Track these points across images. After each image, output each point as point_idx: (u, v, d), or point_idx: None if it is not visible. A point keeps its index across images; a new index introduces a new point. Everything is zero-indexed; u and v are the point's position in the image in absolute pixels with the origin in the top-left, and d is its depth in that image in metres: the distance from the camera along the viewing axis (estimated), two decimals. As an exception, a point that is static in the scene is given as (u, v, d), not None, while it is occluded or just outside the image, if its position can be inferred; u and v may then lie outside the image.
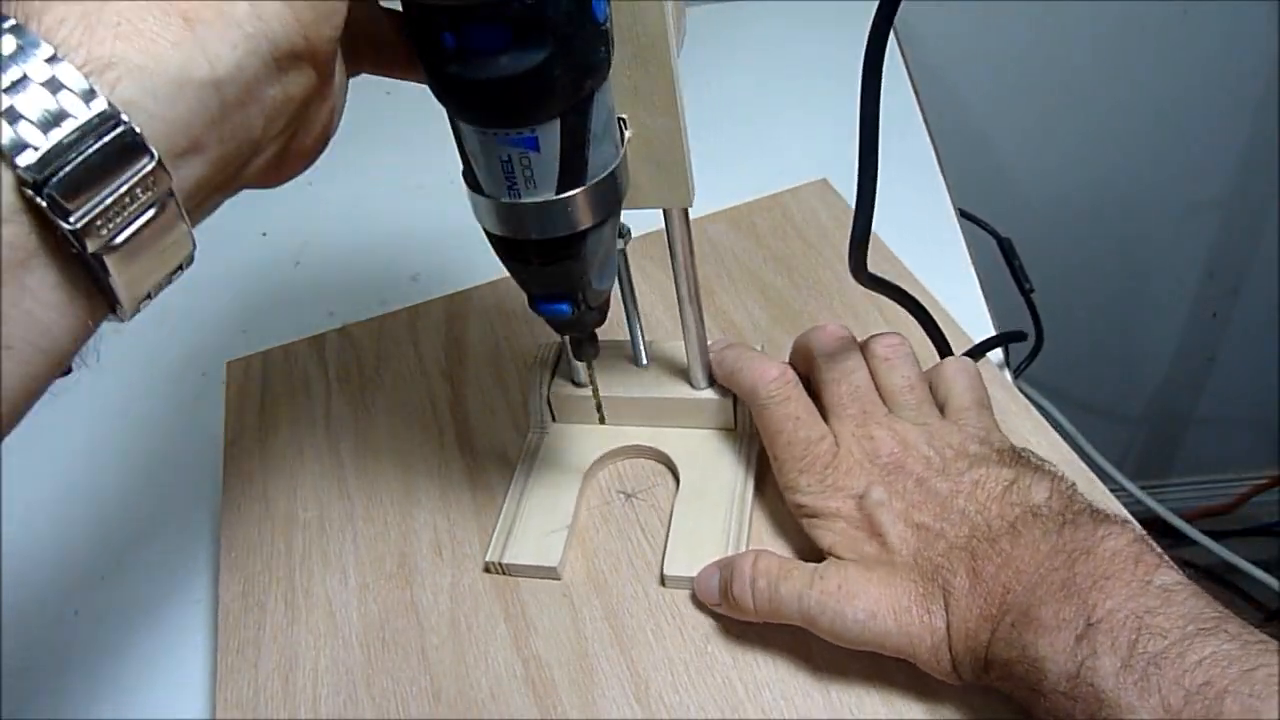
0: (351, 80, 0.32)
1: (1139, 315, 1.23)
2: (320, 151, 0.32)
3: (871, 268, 0.41)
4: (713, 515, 0.43)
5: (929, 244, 0.56)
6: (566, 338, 0.41)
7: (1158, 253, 1.16)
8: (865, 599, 0.36)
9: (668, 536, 0.43)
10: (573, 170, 0.32)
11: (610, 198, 0.34)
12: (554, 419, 0.49)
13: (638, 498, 0.46)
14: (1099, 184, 1.10)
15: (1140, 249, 1.16)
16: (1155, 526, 0.83)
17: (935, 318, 0.47)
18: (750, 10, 0.85)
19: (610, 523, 0.45)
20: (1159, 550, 0.33)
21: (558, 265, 0.34)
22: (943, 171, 0.63)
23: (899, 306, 0.46)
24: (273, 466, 0.51)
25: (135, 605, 0.48)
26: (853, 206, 0.38)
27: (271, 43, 0.26)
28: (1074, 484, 0.37)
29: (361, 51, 0.33)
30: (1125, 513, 0.38)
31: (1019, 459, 0.39)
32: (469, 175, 0.34)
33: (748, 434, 0.46)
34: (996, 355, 0.51)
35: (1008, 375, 0.49)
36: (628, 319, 0.46)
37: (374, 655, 0.42)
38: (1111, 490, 0.43)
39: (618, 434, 0.47)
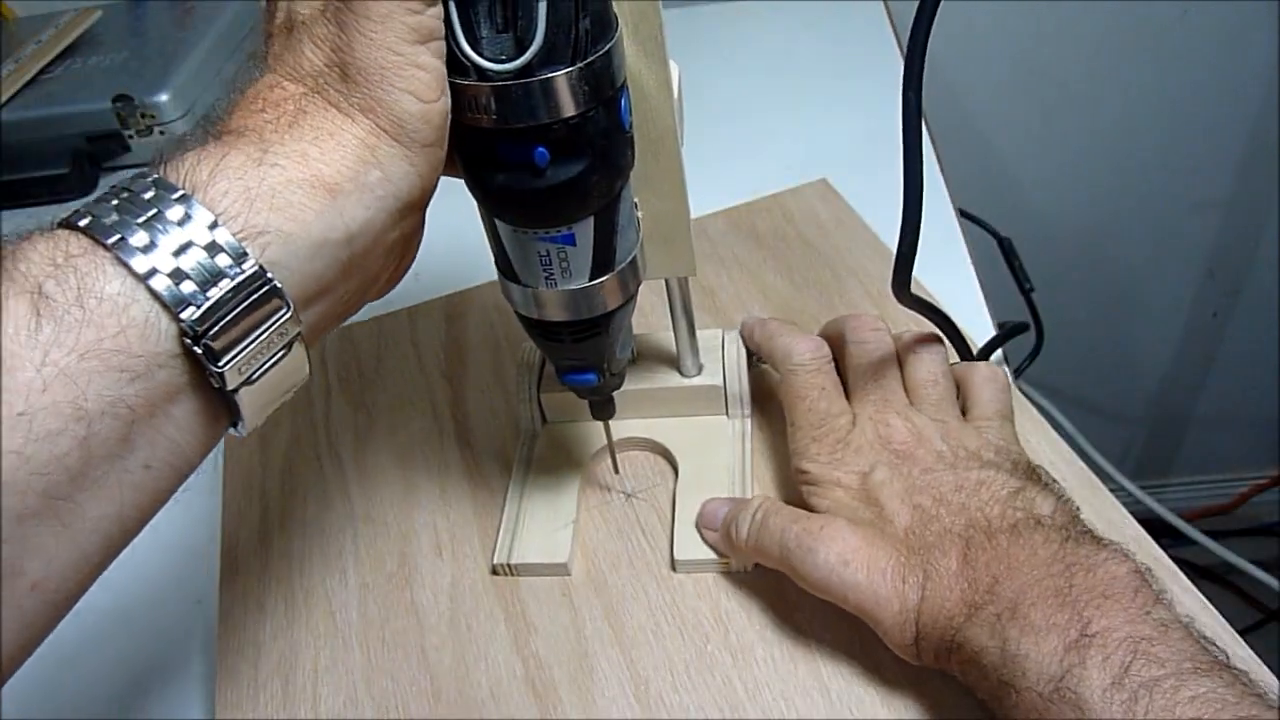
0: None
1: (1139, 314, 1.23)
2: (407, 270, 0.34)
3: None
4: (715, 497, 0.44)
5: (929, 244, 0.55)
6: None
7: (1158, 253, 1.16)
8: (843, 545, 0.37)
9: (673, 523, 0.43)
10: (603, 259, 0.35)
11: (633, 279, 0.37)
12: (545, 421, 0.49)
13: (637, 497, 0.46)
14: (1099, 184, 1.10)
15: (1140, 249, 1.16)
16: (1155, 526, 0.83)
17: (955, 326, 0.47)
18: (750, 10, 0.86)
19: (610, 522, 0.45)
20: (1157, 587, 0.33)
21: (587, 341, 0.37)
22: (943, 171, 0.63)
23: (902, 309, 0.45)
24: (273, 466, 0.51)
25: (135, 605, 0.48)
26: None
27: (397, 199, 0.29)
28: (1079, 507, 0.37)
29: None
30: (1132, 536, 0.37)
31: (1031, 473, 0.39)
32: (503, 265, 0.36)
33: (740, 416, 0.47)
34: (995, 353, 0.50)
35: (1008, 375, 0.49)
36: None
37: (374, 655, 0.42)
38: (1111, 490, 0.42)
39: (613, 428, 0.47)
